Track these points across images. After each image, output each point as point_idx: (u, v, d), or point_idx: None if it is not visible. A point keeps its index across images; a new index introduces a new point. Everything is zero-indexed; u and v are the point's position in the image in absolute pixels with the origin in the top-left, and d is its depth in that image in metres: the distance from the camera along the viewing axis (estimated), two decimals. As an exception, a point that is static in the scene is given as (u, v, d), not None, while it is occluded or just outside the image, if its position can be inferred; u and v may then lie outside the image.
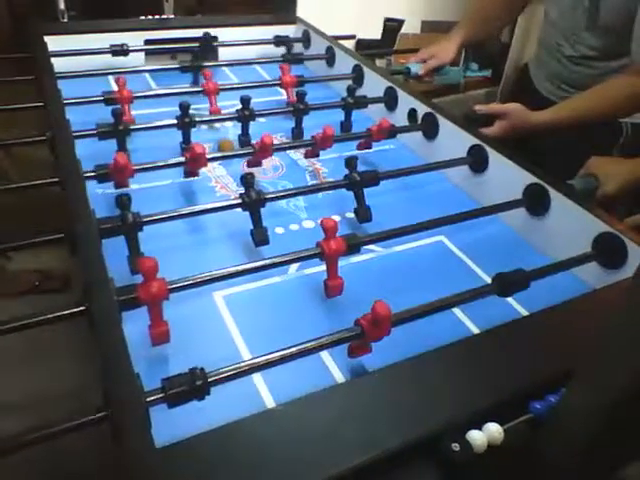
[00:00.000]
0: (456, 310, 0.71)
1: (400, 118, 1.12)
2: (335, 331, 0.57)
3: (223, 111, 1.09)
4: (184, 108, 0.96)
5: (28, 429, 0.45)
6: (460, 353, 0.57)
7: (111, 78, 1.19)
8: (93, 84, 1.11)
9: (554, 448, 0.47)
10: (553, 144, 1.22)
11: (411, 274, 0.78)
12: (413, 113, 1.10)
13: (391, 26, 2.40)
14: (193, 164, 0.86)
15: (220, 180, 0.95)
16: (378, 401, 0.50)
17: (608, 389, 0.41)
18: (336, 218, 0.86)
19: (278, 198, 0.82)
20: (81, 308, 0.56)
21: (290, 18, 1.51)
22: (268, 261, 0.68)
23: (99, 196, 0.85)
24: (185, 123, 0.96)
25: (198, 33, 1.33)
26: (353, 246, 0.71)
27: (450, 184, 1.01)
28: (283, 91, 1.19)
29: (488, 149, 0.94)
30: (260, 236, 0.78)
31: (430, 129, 1.06)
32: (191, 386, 0.50)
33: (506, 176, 0.90)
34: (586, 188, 0.95)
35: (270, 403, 0.57)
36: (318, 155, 0.99)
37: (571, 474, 0.46)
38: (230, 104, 1.10)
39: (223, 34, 1.38)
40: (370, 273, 0.78)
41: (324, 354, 0.63)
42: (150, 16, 1.46)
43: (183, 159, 0.85)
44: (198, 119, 0.98)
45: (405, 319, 0.60)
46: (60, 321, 0.56)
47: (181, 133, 0.98)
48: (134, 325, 0.59)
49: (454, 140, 1.00)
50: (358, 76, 1.25)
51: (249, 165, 0.94)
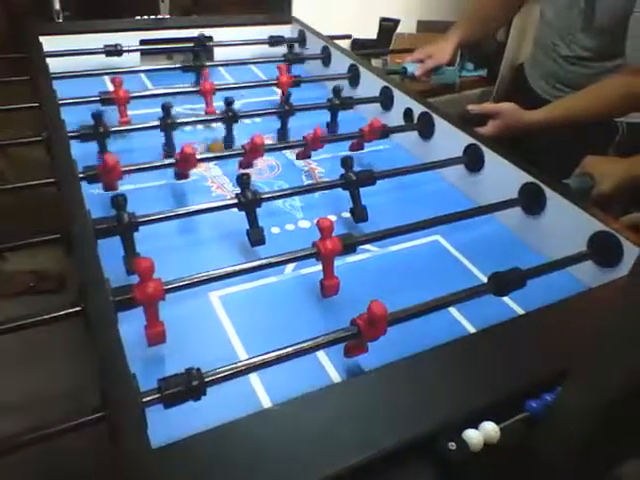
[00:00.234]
0: (452, 309, 0.71)
1: (396, 118, 1.13)
2: (331, 331, 0.58)
3: (218, 111, 1.08)
4: (166, 109, 0.94)
5: (25, 430, 0.45)
6: (456, 352, 0.57)
7: (107, 78, 1.19)
8: (89, 84, 1.11)
9: (550, 447, 0.47)
10: (548, 143, 1.22)
11: (407, 274, 0.78)
12: (409, 113, 1.10)
13: (387, 26, 2.40)
14: (183, 165, 0.86)
15: (216, 180, 0.95)
16: (374, 401, 0.50)
17: (604, 388, 0.41)
18: (332, 218, 0.86)
19: (274, 198, 0.82)
20: (77, 309, 0.56)
21: (285, 18, 1.51)
22: (264, 261, 0.68)
23: (95, 196, 0.84)
24: (167, 125, 0.95)
25: (193, 33, 1.32)
26: (349, 246, 0.71)
27: (446, 183, 1.01)
28: (279, 91, 1.19)
29: (484, 148, 0.94)
30: (256, 236, 0.78)
31: (426, 129, 1.05)
32: (187, 386, 0.50)
33: (502, 175, 0.90)
34: (582, 187, 0.95)
35: (266, 403, 0.57)
36: (310, 156, 0.99)
37: (567, 472, 0.46)
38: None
39: (219, 34, 1.38)
40: (366, 273, 0.78)
41: (320, 354, 0.63)
42: (145, 16, 1.46)
43: (173, 160, 0.85)
44: (182, 120, 0.97)
45: (401, 319, 0.60)
46: (56, 322, 0.56)
47: (164, 135, 0.96)
48: (130, 325, 0.59)
49: (450, 140, 1.00)
50: (354, 76, 1.25)
51: (241, 166, 0.94)
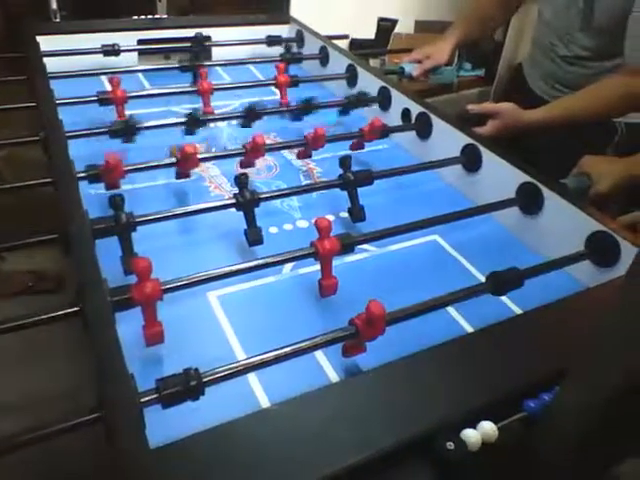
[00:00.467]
0: (450, 309, 0.71)
1: (394, 118, 1.13)
2: (329, 331, 0.58)
3: (217, 111, 1.09)
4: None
5: (23, 430, 0.45)
6: (454, 352, 0.57)
7: (104, 78, 1.19)
8: (86, 84, 1.11)
9: (548, 446, 0.47)
10: (546, 143, 1.23)
11: (405, 273, 0.78)
12: (407, 113, 1.10)
13: (385, 26, 2.40)
14: (184, 164, 0.86)
15: (214, 180, 0.95)
16: (372, 400, 0.50)
17: (602, 387, 0.41)
18: (330, 218, 0.86)
19: (272, 198, 0.82)
20: (75, 309, 0.56)
21: (283, 18, 1.51)
22: (262, 261, 0.68)
23: (92, 196, 0.84)
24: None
25: (191, 33, 1.32)
26: (347, 245, 0.71)
27: (444, 183, 1.01)
28: (277, 91, 1.19)
29: (481, 148, 0.94)
30: (254, 236, 0.78)
31: (424, 129, 1.05)
32: (185, 386, 0.49)
33: (499, 175, 0.91)
34: (579, 187, 0.96)
35: (265, 403, 0.57)
36: (310, 156, 0.99)
37: (565, 472, 0.46)
38: (223, 104, 1.10)
39: (216, 34, 1.37)
40: (364, 272, 0.78)
41: (318, 354, 0.63)
42: (143, 16, 1.46)
43: (174, 160, 0.85)
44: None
45: (399, 318, 0.60)
46: (54, 322, 0.56)
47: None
48: (128, 325, 0.58)
49: (448, 139, 1.00)
50: (352, 76, 1.25)
51: (242, 166, 0.94)
